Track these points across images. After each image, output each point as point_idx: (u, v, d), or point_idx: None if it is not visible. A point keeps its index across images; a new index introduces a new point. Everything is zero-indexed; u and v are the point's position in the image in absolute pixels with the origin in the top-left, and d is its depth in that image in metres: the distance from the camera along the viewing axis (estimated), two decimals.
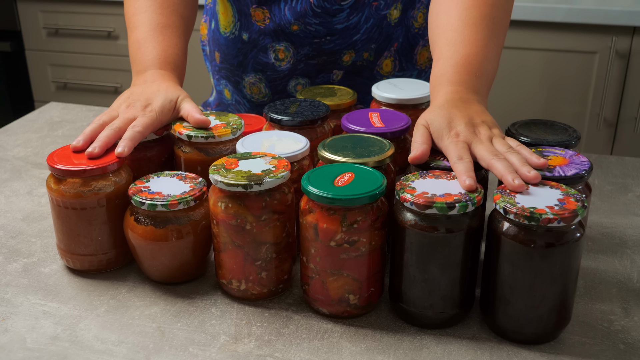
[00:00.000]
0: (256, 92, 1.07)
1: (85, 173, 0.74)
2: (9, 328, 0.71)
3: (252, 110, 1.11)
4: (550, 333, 0.67)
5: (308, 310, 0.73)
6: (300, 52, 1.02)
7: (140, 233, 0.73)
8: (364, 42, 1.02)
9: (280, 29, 1.00)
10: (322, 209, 0.67)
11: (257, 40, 1.03)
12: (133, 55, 0.93)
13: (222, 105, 1.15)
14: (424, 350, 0.67)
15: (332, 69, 1.04)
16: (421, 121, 0.76)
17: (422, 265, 0.67)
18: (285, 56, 1.01)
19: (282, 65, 1.03)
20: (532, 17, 1.84)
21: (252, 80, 1.06)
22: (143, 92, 0.85)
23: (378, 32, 1.02)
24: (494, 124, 0.75)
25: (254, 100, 1.10)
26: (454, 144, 0.71)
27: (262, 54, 1.04)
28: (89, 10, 2.30)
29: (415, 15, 1.04)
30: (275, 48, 1.02)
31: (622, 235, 0.87)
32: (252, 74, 1.06)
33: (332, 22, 0.99)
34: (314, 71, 1.04)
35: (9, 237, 0.88)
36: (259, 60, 1.04)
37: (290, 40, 1.01)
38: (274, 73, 1.05)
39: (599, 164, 1.07)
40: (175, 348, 0.67)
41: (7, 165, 1.08)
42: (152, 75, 0.89)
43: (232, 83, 1.11)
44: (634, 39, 1.82)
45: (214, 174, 0.70)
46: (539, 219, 0.61)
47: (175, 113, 0.85)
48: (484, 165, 0.70)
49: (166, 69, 0.90)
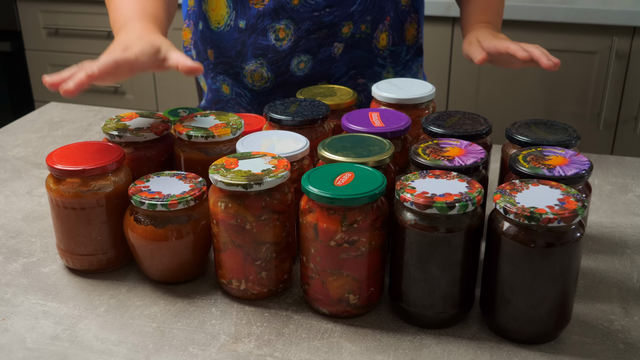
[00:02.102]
0: (258, 79, 1.08)
1: (85, 173, 0.74)
2: (9, 328, 0.71)
3: (253, 100, 1.11)
4: (550, 333, 0.67)
5: (308, 310, 0.73)
6: (301, 27, 1.03)
7: (140, 233, 0.73)
8: (360, 13, 1.05)
9: (281, 5, 1.02)
10: (322, 208, 0.67)
11: (255, 25, 1.04)
12: (112, 19, 0.91)
13: (221, 103, 1.15)
14: (424, 350, 0.67)
15: (332, 42, 1.06)
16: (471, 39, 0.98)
17: (422, 265, 0.67)
18: (286, 34, 1.03)
19: (283, 45, 1.04)
20: (532, 17, 1.84)
21: (252, 68, 1.07)
22: (124, 40, 0.82)
23: (372, 3, 1.05)
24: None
25: (255, 89, 1.10)
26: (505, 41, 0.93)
27: (261, 38, 1.05)
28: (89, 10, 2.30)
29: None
30: (275, 28, 1.03)
31: (622, 235, 0.87)
32: (252, 60, 1.07)
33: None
34: (315, 46, 1.06)
35: (9, 237, 0.88)
36: (258, 45, 1.05)
37: (290, 17, 1.02)
38: (275, 55, 1.06)
39: (599, 164, 1.07)
40: (175, 348, 0.67)
41: (7, 165, 1.08)
42: (132, 26, 0.86)
43: (231, 76, 1.11)
44: (634, 39, 1.82)
45: (213, 174, 0.70)
46: (539, 218, 0.61)
47: (161, 61, 0.82)
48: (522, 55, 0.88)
49: (146, 20, 0.88)
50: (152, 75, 2.34)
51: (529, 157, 0.74)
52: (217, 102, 1.16)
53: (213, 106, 1.17)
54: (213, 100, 1.17)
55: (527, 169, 0.71)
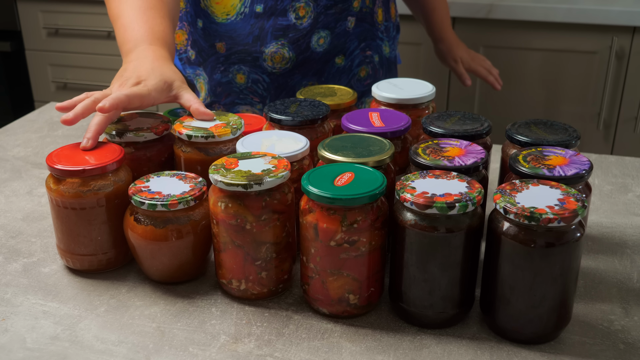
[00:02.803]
0: (279, 60, 1.10)
1: (85, 173, 0.74)
2: (9, 328, 0.71)
3: (272, 84, 1.13)
4: (550, 333, 0.67)
5: (308, 310, 0.73)
6: (320, 4, 1.08)
7: (140, 233, 0.73)
8: None
9: None
10: (322, 208, 0.67)
11: (274, 6, 1.07)
12: (120, 39, 0.91)
13: (232, 95, 1.15)
14: (424, 350, 0.67)
15: (346, 17, 1.12)
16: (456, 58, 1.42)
17: (422, 265, 0.67)
18: (306, 12, 1.07)
19: (304, 23, 1.08)
20: (532, 17, 1.84)
21: (273, 50, 1.10)
22: (136, 69, 0.83)
23: None
24: None
25: (275, 71, 1.12)
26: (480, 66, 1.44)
27: (281, 19, 1.08)
28: (89, 10, 2.30)
29: None
30: (295, 7, 1.07)
31: (622, 235, 0.87)
32: (273, 42, 1.09)
33: None
34: (332, 21, 1.11)
35: (9, 237, 0.88)
36: (278, 26, 1.08)
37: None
38: (296, 33, 1.09)
39: (599, 164, 1.07)
40: (175, 348, 0.67)
41: (7, 165, 1.08)
42: (143, 52, 0.86)
43: (247, 63, 1.12)
44: (634, 39, 1.82)
45: (213, 174, 0.70)
46: (539, 218, 0.61)
47: (172, 97, 0.83)
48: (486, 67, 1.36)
49: (156, 45, 0.88)
50: None
51: (529, 157, 0.74)
52: (229, 94, 1.16)
53: (223, 99, 1.16)
54: (223, 94, 1.16)
55: (527, 169, 0.71)
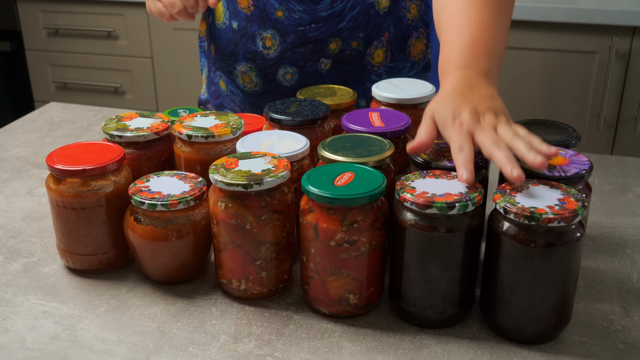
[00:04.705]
0: (248, 82, 1.08)
1: (85, 173, 0.74)
2: (9, 328, 0.71)
3: (245, 100, 1.12)
4: (550, 333, 0.67)
5: (308, 310, 0.73)
6: (287, 40, 1.01)
7: (140, 233, 0.73)
8: (350, 30, 1.01)
9: (266, 14, 1.01)
10: (322, 208, 0.67)
11: (245, 28, 1.04)
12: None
13: (220, 98, 1.16)
14: (424, 350, 0.67)
15: (319, 58, 1.03)
16: (427, 112, 0.74)
17: (422, 265, 0.67)
18: (272, 44, 1.01)
19: (270, 54, 1.03)
20: (532, 17, 1.84)
21: (243, 69, 1.07)
22: None
23: (365, 20, 1.01)
24: (502, 110, 0.72)
25: (246, 90, 1.10)
26: (456, 133, 0.69)
27: (250, 42, 1.04)
28: (89, 10, 2.30)
29: (407, 6, 1.04)
30: (262, 36, 1.02)
31: (622, 235, 0.87)
32: (243, 62, 1.07)
33: (316, 10, 0.99)
34: (301, 60, 1.04)
35: (9, 237, 0.88)
36: (248, 49, 1.05)
37: (275, 27, 1.01)
38: (263, 61, 1.05)
39: (599, 164, 1.07)
40: (175, 348, 0.67)
41: (7, 165, 1.08)
42: None
43: (225, 73, 1.11)
44: (634, 39, 1.82)
45: (213, 174, 0.70)
46: (539, 218, 0.61)
47: None
48: (485, 155, 0.68)
49: None
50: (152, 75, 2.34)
51: None
52: (217, 96, 1.17)
53: (214, 100, 1.17)
54: (215, 93, 1.17)
55: (528, 169, 0.71)
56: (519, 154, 0.66)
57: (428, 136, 0.71)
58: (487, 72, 0.76)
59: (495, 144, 0.67)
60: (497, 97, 0.73)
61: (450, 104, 0.71)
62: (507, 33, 0.82)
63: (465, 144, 0.67)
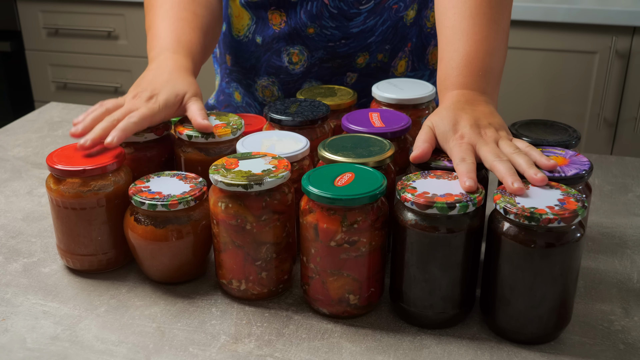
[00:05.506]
0: (269, 95, 1.07)
1: (85, 173, 0.74)
2: (9, 328, 0.71)
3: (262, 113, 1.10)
4: (550, 333, 0.67)
5: (308, 310, 0.73)
6: (315, 55, 1.01)
7: (140, 233, 0.73)
8: (379, 43, 1.01)
9: (296, 32, 0.99)
10: (322, 209, 0.67)
11: (270, 44, 1.02)
12: (149, 46, 0.92)
13: (231, 108, 1.14)
14: (424, 350, 0.67)
15: (345, 72, 1.03)
16: (427, 123, 0.75)
17: (423, 265, 0.67)
18: (299, 59, 1.01)
19: (296, 69, 1.02)
20: (532, 17, 1.84)
21: (264, 84, 1.06)
22: (152, 81, 0.84)
23: (393, 33, 1.01)
24: (502, 126, 0.75)
25: (266, 103, 1.09)
26: (458, 145, 0.71)
27: (275, 57, 1.03)
28: (89, 10, 2.30)
29: (428, 15, 1.03)
30: (289, 51, 1.01)
31: (622, 235, 0.87)
32: (265, 77, 1.06)
33: (348, 26, 0.98)
34: (327, 74, 1.03)
35: (9, 237, 0.88)
36: (272, 64, 1.04)
37: (304, 43, 1.00)
38: (287, 76, 1.04)
39: (599, 164, 1.07)
40: (175, 348, 0.67)
41: (7, 165, 1.08)
42: (165, 61, 0.88)
43: (243, 86, 1.10)
44: (634, 39, 1.82)
45: (214, 174, 0.70)
46: (539, 219, 0.61)
47: (182, 110, 0.84)
48: (487, 167, 0.70)
49: (180, 53, 0.89)
50: None
51: None
52: (227, 106, 1.15)
53: (222, 109, 1.16)
54: (224, 103, 1.16)
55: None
56: (520, 169, 0.68)
57: (428, 144, 0.73)
58: (485, 90, 0.78)
59: (497, 156, 0.69)
60: (497, 114, 0.76)
61: (452, 117, 0.74)
62: (505, 41, 0.83)
63: (467, 156, 0.69)
